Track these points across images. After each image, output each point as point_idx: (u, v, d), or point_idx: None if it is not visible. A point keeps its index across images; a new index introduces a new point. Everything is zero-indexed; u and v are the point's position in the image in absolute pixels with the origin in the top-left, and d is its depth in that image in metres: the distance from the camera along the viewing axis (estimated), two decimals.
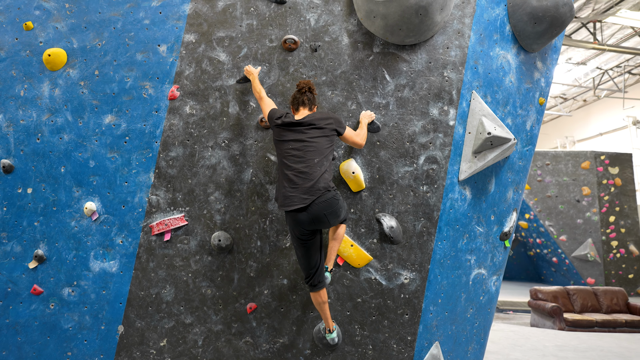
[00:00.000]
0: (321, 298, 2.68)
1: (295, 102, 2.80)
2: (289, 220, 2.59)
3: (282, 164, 2.63)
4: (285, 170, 2.59)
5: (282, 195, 2.58)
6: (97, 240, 3.13)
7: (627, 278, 12.10)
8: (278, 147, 2.69)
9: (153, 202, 3.12)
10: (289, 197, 2.53)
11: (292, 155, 2.59)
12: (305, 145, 2.60)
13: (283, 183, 2.59)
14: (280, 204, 2.60)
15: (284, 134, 2.66)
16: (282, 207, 2.58)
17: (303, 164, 2.55)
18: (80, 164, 3.16)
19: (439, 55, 3.11)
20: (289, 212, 2.55)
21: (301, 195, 2.50)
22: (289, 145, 2.63)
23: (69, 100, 3.18)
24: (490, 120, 3.06)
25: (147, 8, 3.18)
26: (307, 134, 2.62)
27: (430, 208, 3.06)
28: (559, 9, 3.21)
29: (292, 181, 2.54)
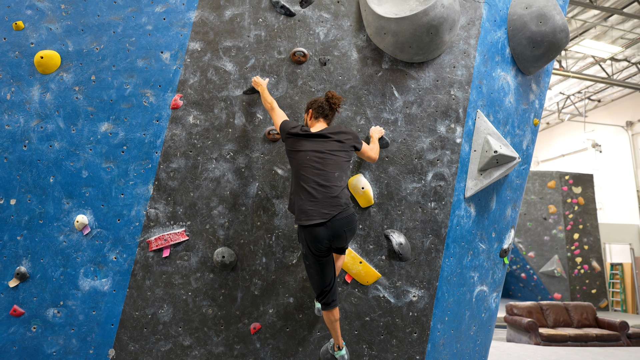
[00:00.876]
0: (334, 316, 2.58)
1: (320, 112, 2.73)
2: (305, 235, 2.47)
3: (298, 175, 2.54)
4: (303, 183, 2.50)
5: (299, 209, 2.49)
6: (88, 257, 2.91)
7: (591, 293, 12.63)
8: (294, 158, 2.60)
9: (151, 216, 2.94)
10: (308, 212, 2.43)
11: (311, 167, 2.51)
12: (324, 158, 2.53)
13: (300, 196, 2.50)
14: (297, 218, 2.50)
15: (301, 144, 2.58)
16: (299, 221, 2.48)
17: (323, 177, 2.48)
18: (71, 174, 2.94)
19: (446, 74, 3.16)
20: (306, 227, 2.45)
21: (321, 209, 2.42)
22: (307, 156, 2.54)
23: (62, 106, 2.98)
24: (495, 138, 3.12)
25: (150, 14, 3.06)
26: (327, 146, 2.57)
27: (438, 225, 3.05)
28: (557, 35, 3.35)
29: (311, 195, 2.45)
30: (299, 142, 2.60)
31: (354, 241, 3.01)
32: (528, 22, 3.35)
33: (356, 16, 3.18)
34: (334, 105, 2.73)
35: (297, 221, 2.51)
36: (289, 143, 2.65)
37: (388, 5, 3.06)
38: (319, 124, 2.74)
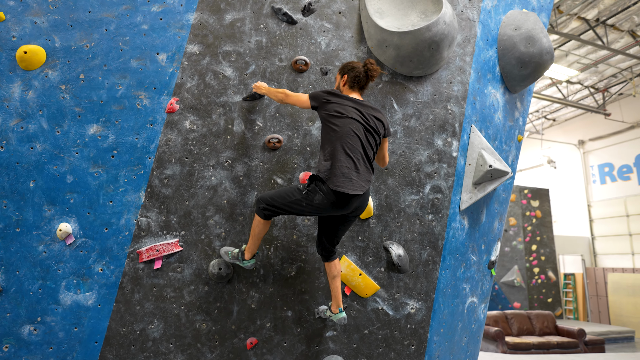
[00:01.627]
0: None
1: (356, 82, 2.66)
2: (331, 199, 2.41)
3: (343, 142, 2.47)
4: (349, 151, 2.46)
5: (341, 175, 2.41)
6: (70, 268, 2.69)
7: (547, 302, 13.26)
8: (337, 123, 2.50)
9: (142, 225, 2.78)
10: (353, 181, 2.43)
11: (357, 137, 2.50)
12: (368, 130, 2.56)
13: (344, 163, 2.43)
14: (336, 183, 2.39)
15: (347, 110, 2.52)
16: (338, 187, 2.39)
17: (365, 151, 2.53)
18: (54, 179, 2.73)
19: (443, 89, 3.24)
20: (341, 194, 2.41)
21: (362, 182, 2.47)
22: (354, 124, 2.51)
23: (46, 105, 2.77)
24: (489, 153, 3.22)
25: (146, 13, 2.93)
26: (370, 122, 2.58)
27: (435, 237, 3.09)
28: (543, 56, 3.53)
29: (356, 166, 2.47)
30: (344, 106, 2.54)
31: (353, 253, 2.98)
32: (517, 43, 3.50)
33: (357, 28, 3.19)
34: (372, 78, 2.68)
35: (334, 186, 2.40)
36: (330, 106, 2.54)
37: (390, 19, 3.11)
38: (354, 94, 2.69)
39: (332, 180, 2.42)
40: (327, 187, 2.41)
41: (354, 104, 2.58)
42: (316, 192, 2.44)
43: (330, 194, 2.42)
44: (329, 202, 2.43)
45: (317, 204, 2.44)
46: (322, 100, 2.58)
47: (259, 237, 2.63)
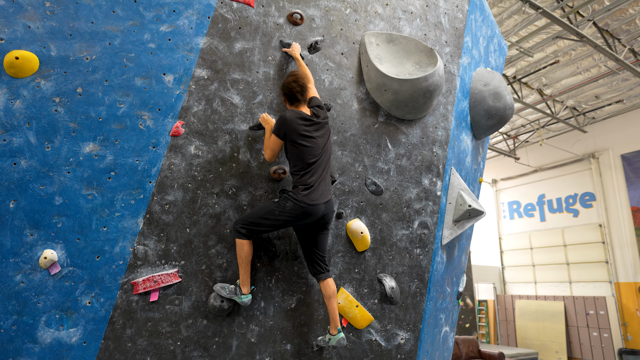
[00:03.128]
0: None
1: (292, 97, 2.85)
2: (302, 210, 2.63)
3: (305, 157, 2.70)
4: (311, 164, 2.71)
5: (309, 187, 2.66)
6: (52, 301, 2.40)
7: (465, 327, 14.33)
8: (296, 144, 2.71)
9: (139, 254, 2.59)
10: (318, 191, 2.68)
11: (313, 148, 2.72)
12: (320, 137, 2.79)
13: (309, 176, 2.69)
14: (306, 194, 2.64)
15: (300, 130, 2.72)
16: (306, 198, 2.63)
17: (322, 158, 2.77)
18: (40, 200, 2.45)
19: (430, 133, 3.54)
20: (314, 206, 2.64)
21: (325, 191, 2.72)
22: (309, 141, 2.73)
23: (35, 118, 2.51)
24: (467, 194, 3.56)
25: (154, 31, 2.83)
26: (319, 130, 2.81)
27: (422, 270, 3.30)
28: (507, 111, 4.04)
29: (320, 176, 2.73)
30: (296, 127, 2.71)
31: (350, 284, 3.06)
32: (487, 97, 3.98)
33: (357, 70, 3.40)
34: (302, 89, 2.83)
35: (302, 196, 2.63)
36: (288, 135, 2.72)
37: (388, 65, 3.36)
38: (301, 108, 2.87)
39: (301, 191, 2.66)
40: (297, 197, 2.63)
41: (311, 126, 2.77)
42: (287, 200, 2.64)
43: (302, 203, 2.63)
44: (300, 210, 2.62)
45: (288, 210, 2.62)
46: (282, 134, 2.75)
47: (247, 262, 2.63)
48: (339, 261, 3.06)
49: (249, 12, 3.11)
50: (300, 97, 2.84)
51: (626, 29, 9.37)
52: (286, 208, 2.62)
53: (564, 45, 9.94)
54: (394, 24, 3.57)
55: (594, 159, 13.25)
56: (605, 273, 12.48)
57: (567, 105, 12.66)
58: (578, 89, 11.59)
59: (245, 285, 2.64)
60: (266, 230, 2.70)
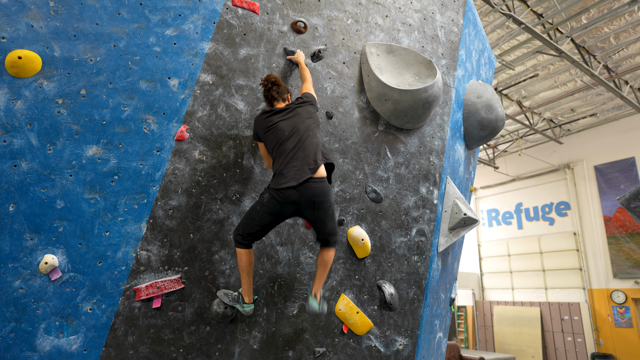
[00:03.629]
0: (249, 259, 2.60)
1: (267, 99, 2.85)
2: (277, 197, 2.53)
3: (275, 151, 2.65)
4: (281, 156, 2.62)
5: (279, 175, 2.58)
6: (53, 308, 2.33)
7: None
8: (268, 141, 2.69)
9: (142, 259, 2.55)
10: (286, 176, 2.55)
11: (283, 141, 2.63)
12: (294, 129, 2.68)
13: (279, 166, 2.60)
14: (277, 182, 2.56)
15: (272, 125, 2.69)
16: (277, 185, 2.55)
17: (296, 146, 2.63)
18: (41, 203, 2.39)
19: (427, 143, 3.63)
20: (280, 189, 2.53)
21: (297, 175, 2.55)
22: (279, 134, 2.66)
23: (37, 119, 2.45)
24: (462, 203, 3.65)
25: (160, 35, 2.81)
26: (292, 120, 2.71)
27: (420, 277, 3.36)
28: (498, 123, 4.17)
29: (289, 163, 2.59)
30: (267, 124, 2.70)
31: (351, 291, 3.09)
32: (480, 109, 4.10)
33: (358, 79, 3.45)
34: (267, 85, 2.81)
35: (274, 184, 2.56)
36: (261, 133, 2.72)
37: (388, 76, 3.43)
38: (277, 105, 2.83)
39: (273, 181, 2.59)
40: (270, 187, 2.59)
41: (275, 115, 2.73)
42: (264, 192, 2.63)
43: (273, 191, 2.55)
44: (276, 200, 2.52)
45: (266, 202, 2.54)
46: (256, 134, 2.78)
47: (247, 272, 2.58)
48: (340, 268, 3.08)
49: (254, 19, 3.13)
50: (272, 99, 2.82)
51: (601, 46, 9.81)
52: (264, 200, 2.56)
53: (543, 59, 10.32)
54: (393, 35, 3.65)
55: (569, 170, 13.74)
56: (579, 280, 12.91)
57: (544, 117, 13.11)
58: (555, 101, 12.03)
59: (247, 295, 2.62)
60: (257, 230, 2.54)
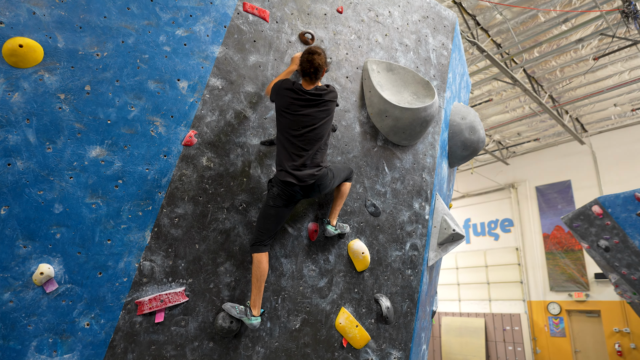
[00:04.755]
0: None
1: (302, 71, 2.71)
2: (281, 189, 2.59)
3: (286, 135, 2.66)
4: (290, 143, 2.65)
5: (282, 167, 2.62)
6: (46, 323, 2.11)
7: None
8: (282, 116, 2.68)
9: (145, 270, 2.39)
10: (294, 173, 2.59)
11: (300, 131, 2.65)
12: (315, 126, 2.68)
13: (284, 158, 2.64)
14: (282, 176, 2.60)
15: (290, 105, 2.66)
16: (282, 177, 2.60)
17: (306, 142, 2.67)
18: (37, 207, 2.16)
19: (420, 160, 3.75)
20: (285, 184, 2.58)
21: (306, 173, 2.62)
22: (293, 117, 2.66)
23: (36, 114, 2.23)
24: (450, 219, 3.80)
25: (170, 35, 2.69)
26: (317, 113, 2.69)
27: (412, 290, 3.44)
28: (479, 144, 4.41)
29: (298, 157, 2.63)
30: (287, 100, 2.64)
31: (350, 304, 3.09)
32: (464, 130, 4.31)
33: (359, 94, 3.51)
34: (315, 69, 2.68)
35: (278, 169, 2.60)
36: (278, 101, 2.68)
37: (388, 93, 3.52)
38: (305, 84, 2.74)
39: (279, 173, 2.60)
40: (275, 177, 2.62)
41: (304, 101, 2.64)
42: (272, 186, 2.63)
43: (280, 183, 2.58)
44: (284, 192, 2.56)
45: (277, 195, 2.57)
46: (274, 98, 2.71)
47: (262, 281, 2.55)
48: (340, 281, 3.08)
49: (264, 27, 3.09)
50: (308, 77, 2.70)
51: (548, 77, 10.73)
52: (274, 193, 2.58)
53: (497, 86, 11.08)
54: (391, 54, 3.76)
55: (514, 189, 14.76)
56: (520, 292, 13.82)
57: (494, 139, 14.03)
58: (505, 125, 12.92)
59: (256, 307, 2.55)
60: (278, 227, 2.64)
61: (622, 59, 9.74)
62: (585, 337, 12.38)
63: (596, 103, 11.70)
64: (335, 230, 2.95)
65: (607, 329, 11.77)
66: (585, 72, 10.18)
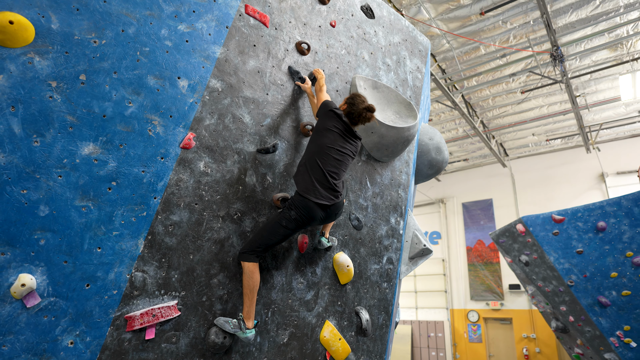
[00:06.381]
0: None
1: (349, 116, 2.83)
2: (304, 209, 2.56)
3: (320, 155, 2.68)
4: (321, 165, 2.65)
5: (310, 185, 2.61)
6: (24, 343, 1.83)
7: None
8: (321, 136, 2.73)
9: (137, 282, 2.18)
10: (319, 191, 2.61)
11: (331, 156, 2.71)
12: (344, 155, 2.79)
13: (314, 175, 2.64)
14: (306, 192, 2.60)
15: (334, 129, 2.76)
16: (307, 195, 2.59)
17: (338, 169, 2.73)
18: (19, 208, 1.89)
19: (396, 176, 3.90)
20: (310, 202, 2.57)
21: (329, 194, 2.65)
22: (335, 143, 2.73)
23: (22, 101, 1.95)
24: (420, 234, 3.99)
25: (172, 28, 2.52)
26: (349, 145, 2.82)
27: (388, 302, 3.54)
28: (443, 163, 4.70)
29: (326, 179, 2.66)
30: (334, 123, 2.74)
31: (334, 317, 3.10)
32: (431, 150, 4.57)
33: None
34: (362, 121, 2.84)
35: (304, 194, 2.56)
36: (325, 120, 2.75)
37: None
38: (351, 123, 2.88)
39: (304, 190, 2.60)
40: (301, 199, 2.58)
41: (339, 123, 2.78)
42: (289, 208, 2.57)
43: (303, 202, 2.56)
44: (306, 213, 2.56)
45: (294, 218, 2.54)
46: (325, 111, 2.79)
47: (255, 292, 2.47)
48: (325, 293, 3.08)
49: (264, 32, 3.02)
50: (355, 120, 2.83)
51: (482, 104, 11.74)
52: (291, 216, 2.53)
53: (437, 108, 11.87)
54: (375, 72, 3.88)
55: (443, 204, 15.83)
56: (444, 300, 14.79)
57: None
58: None
59: (250, 319, 2.46)
60: (276, 243, 2.56)
61: (544, 95, 11.00)
62: (499, 342, 13.60)
63: (518, 131, 13.04)
64: (327, 243, 2.96)
65: (517, 334, 13.05)
66: (513, 103, 11.32)
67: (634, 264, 7.97)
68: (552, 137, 13.29)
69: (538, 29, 8.59)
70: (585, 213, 8.32)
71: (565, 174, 13.63)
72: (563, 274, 8.50)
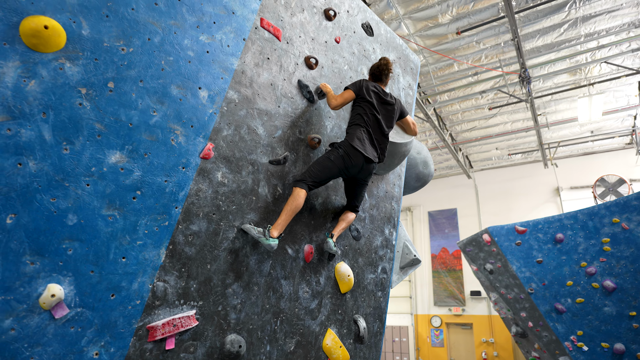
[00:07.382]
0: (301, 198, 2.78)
1: (376, 75, 3.39)
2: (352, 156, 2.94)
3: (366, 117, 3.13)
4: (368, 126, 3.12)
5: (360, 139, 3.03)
6: (51, 354, 1.80)
7: None
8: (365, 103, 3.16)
9: (158, 292, 2.18)
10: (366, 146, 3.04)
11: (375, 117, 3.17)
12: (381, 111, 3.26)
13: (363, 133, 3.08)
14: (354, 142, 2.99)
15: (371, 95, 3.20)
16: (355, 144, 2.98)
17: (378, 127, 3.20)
18: (49, 217, 1.85)
19: (390, 189, 4.06)
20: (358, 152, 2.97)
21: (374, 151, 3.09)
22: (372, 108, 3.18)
23: (53, 108, 1.92)
24: (410, 245, 4.17)
25: (194, 39, 2.54)
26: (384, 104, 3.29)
27: (382, 311, 3.68)
28: (429, 177, 4.93)
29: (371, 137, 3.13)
30: (370, 93, 3.18)
31: (335, 325, 3.19)
32: (419, 163, 4.79)
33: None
34: (385, 72, 3.38)
35: (352, 142, 2.96)
36: (362, 91, 3.17)
37: None
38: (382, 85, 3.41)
39: (355, 142, 2.99)
40: (347, 143, 2.98)
41: (376, 89, 3.24)
42: (340, 147, 2.97)
43: (350, 148, 2.95)
44: (348, 158, 2.93)
45: (340, 156, 2.91)
46: (357, 89, 3.20)
47: (294, 212, 2.71)
48: (328, 302, 3.17)
49: (277, 45, 3.09)
50: (384, 78, 3.38)
51: (451, 118, 12.28)
52: (339, 154, 2.92)
53: None
54: None
55: (410, 212, 16.32)
56: (409, 306, 15.22)
57: None
58: None
59: (277, 231, 2.62)
60: (323, 180, 2.89)
61: (508, 112, 11.67)
62: (459, 346, 14.16)
63: (483, 145, 13.73)
64: (334, 247, 3.05)
65: (477, 339, 13.65)
66: (481, 118, 11.92)
67: (587, 273, 8.61)
68: (513, 151, 14.09)
69: (508, 50, 9.15)
70: (545, 225, 8.88)
71: (524, 186, 14.47)
72: (524, 282, 9.03)
